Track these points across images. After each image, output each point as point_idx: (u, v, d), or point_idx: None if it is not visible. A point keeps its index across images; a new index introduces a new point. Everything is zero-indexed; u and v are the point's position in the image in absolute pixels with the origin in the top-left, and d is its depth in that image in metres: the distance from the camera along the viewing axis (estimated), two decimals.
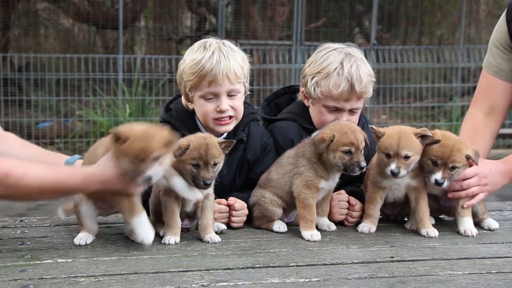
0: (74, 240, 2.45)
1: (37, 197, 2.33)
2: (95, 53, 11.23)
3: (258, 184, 2.80)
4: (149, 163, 2.27)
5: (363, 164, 2.55)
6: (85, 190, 2.36)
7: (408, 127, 2.67)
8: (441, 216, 2.94)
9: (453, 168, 2.61)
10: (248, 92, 2.94)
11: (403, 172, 2.58)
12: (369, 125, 2.77)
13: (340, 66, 2.83)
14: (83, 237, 2.45)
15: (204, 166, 2.44)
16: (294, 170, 2.67)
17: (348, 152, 2.55)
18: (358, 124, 2.97)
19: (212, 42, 2.81)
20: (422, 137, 2.60)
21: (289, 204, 2.71)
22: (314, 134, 2.67)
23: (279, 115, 3.07)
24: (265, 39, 11.19)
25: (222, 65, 2.72)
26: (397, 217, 2.91)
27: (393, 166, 2.58)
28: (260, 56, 9.87)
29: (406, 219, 2.87)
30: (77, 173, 2.34)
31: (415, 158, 2.60)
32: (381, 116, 10.47)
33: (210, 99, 2.77)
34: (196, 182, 2.45)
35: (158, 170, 2.30)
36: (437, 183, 2.60)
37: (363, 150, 2.59)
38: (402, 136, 2.59)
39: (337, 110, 2.87)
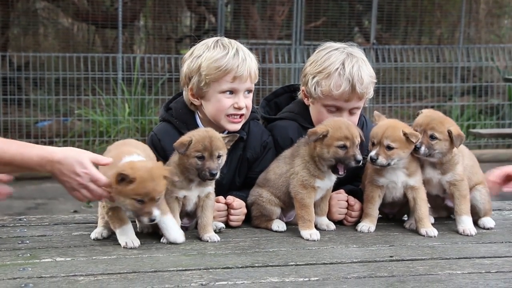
0: (91, 234, 2.50)
1: None
2: (95, 52, 11.22)
3: (256, 183, 2.80)
4: (155, 203, 2.30)
5: (359, 157, 2.55)
6: (41, 169, 2.34)
7: (401, 123, 2.70)
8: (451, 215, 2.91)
9: (432, 137, 2.63)
10: None
11: (381, 160, 2.59)
12: (375, 111, 2.79)
13: (342, 67, 2.83)
14: (99, 231, 2.50)
15: (209, 157, 2.45)
16: (290, 170, 2.67)
17: (343, 147, 2.55)
18: (358, 124, 2.97)
19: (229, 40, 2.84)
20: (408, 137, 2.60)
21: (287, 204, 2.72)
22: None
23: (279, 114, 3.07)
24: (265, 38, 11.19)
25: (247, 63, 2.77)
26: (395, 215, 2.92)
27: (372, 152, 2.62)
28: (260, 56, 9.86)
29: (405, 218, 2.88)
30: (36, 150, 2.34)
31: (398, 152, 2.60)
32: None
33: (228, 94, 2.78)
34: (202, 174, 2.46)
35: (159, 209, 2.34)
36: (414, 148, 2.62)
37: (358, 145, 2.59)
38: (390, 127, 2.63)
39: (337, 110, 2.87)
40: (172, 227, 2.45)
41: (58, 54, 9.87)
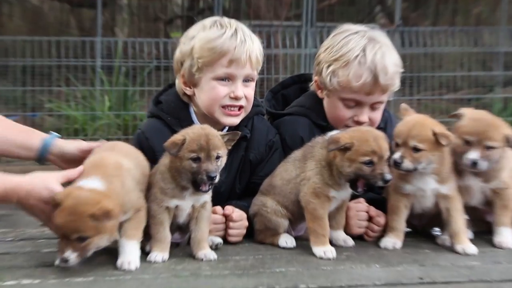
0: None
1: None
2: (69, 35, 11.25)
3: (260, 191, 2.80)
4: (72, 243, 2.26)
5: (388, 176, 2.52)
6: (8, 200, 2.41)
7: (431, 120, 2.68)
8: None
9: (490, 147, 2.62)
10: None
11: (407, 164, 2.59)
12: (402, 104, 2.78)
13: (362, 54, 2.83)
14: None
15: (206, 159, 2.43)
16: (301, 175, 2.66)
17: (370, 163, 2.52)
18: (381, 120, 2.97)
19: (229, 20, 2.85)
20: (437, 137, 2.59)
21: (296, 215, 2.71)
22: (329, 134, 2.65)
23: (287, 108, 3.07)
24: (270, 19, 11.20)
25: (247, 45, 2.76)
26: (424, 227, 2.91)
27: (396, 155, 2.60)
28: (264, 40, 9.88)
29: (437, 232, 2.87)
30: (1, 182, 2.41)
31: (426, 155, 2.59)
32: None
33: (224, 82, 2.77)
34: (198, 178, 2.43)
35: (83, 253, 2.27)
36: (473, 163, 2.62)
37: (387, 160, 2.57)
38: (417, 125, 2.62)
39: (357, 104, 2.87)
40: (127, 251, 2.38)
41: (25, 38, 9.88)
